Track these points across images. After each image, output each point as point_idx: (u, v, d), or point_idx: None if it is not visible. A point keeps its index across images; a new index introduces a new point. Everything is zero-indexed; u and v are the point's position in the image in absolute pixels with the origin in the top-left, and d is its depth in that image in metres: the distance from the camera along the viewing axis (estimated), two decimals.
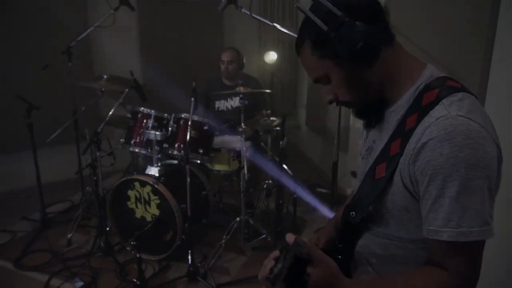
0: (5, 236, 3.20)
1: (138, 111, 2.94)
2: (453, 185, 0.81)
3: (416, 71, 0.95)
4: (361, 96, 0.97)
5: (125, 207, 2.85)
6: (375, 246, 1.00)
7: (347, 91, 0.97)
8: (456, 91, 0.88)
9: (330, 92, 1.00)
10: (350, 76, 0.94)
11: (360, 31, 0.86)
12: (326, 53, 0.92)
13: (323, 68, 0.94)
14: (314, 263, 0.81)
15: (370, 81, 0.94)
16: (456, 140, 0.80)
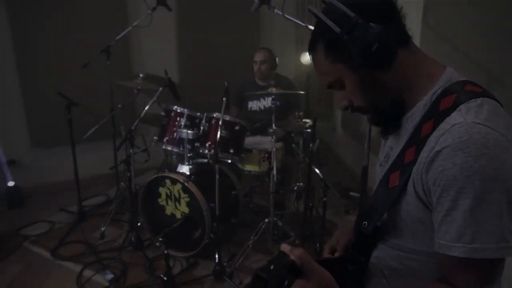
0: (44, 226, 3.35)
1: (172, 110, 2.98)
2: (466, 198, 0.76)
3: (435, 74, 0.90)
4: (376, 101, 0.94)
5: (156, 203, 2.90)
6: (389, 258, 0.96)
7: (361, 96, 0.93)
8: (476, 96, 0.83)
9: (344, 98, 0.97)
10: (364, 80, 0.90)
11: (374, 33, 0.82)
12: (339, 56, 0.89)
13: (337, 72, 0.91)
14: (307, 276, 0.78)
15: (385, 85, 0.90)
16: (471, 150, 0.75)
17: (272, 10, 2.14)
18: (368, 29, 0.82)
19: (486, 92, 0.86)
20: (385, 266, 0.97)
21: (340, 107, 0.98)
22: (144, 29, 3.32)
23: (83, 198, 3.54)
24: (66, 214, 3.55)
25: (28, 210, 3.67)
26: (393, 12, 0.88)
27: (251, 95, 3.53)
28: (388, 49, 0.84)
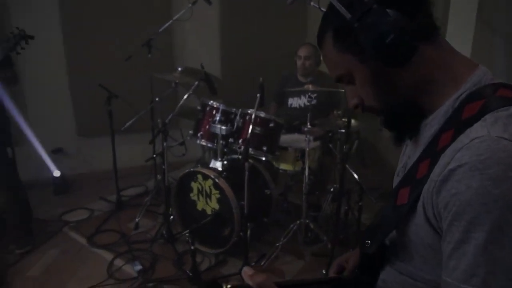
0: (84, 213, 3.46)
1: (207, 104, 2.96)
2: (481, 230, 0.62)
3: (462, 75, 0.76)
4: (390, 101, 0.80)
5: (188, 198, 2.89)
6: (396, 283, 0.84)
7: (372, 94, 0.81)
8: (509, 104, 0.68)
9: (354, 95, 0.84)
10: (376, 76, 0.78)
11: (391, 21, 0.69)
12: (348, 46, 0.77)
13: (345, 64, 0.80)
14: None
15: (400, 84, 0.77)
16: (491, 172, 0.61)
17: (308, 3, 2.04)
18: (384, 17, 0.70)
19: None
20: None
21: (350, 105, 0.86)
22: (188, 24, 3.33)
23: (122, 188, 3.63)
24: (105, 202, 3.64)
25: (70, 197, 3.81)
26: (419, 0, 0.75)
27: (292, 92, 3.44)
28: (406, 42, 0.71)
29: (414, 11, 0.73)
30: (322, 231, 2.86)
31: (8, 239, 2.99)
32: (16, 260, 2.79)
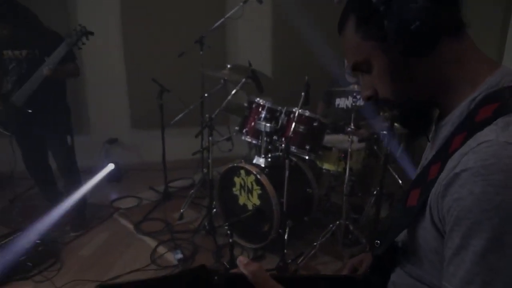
0: (133, 201, 3.64)
1: (254, 101, 3.01)
2: (480, 238, 0.61)
3: (481, 76, 0.73)
4: (405, 95, 0.78)
5: (231, 192, 2.96)
6: (404, 285, 0.83)
7: (388, 85, 0.78)
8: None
9: (369, 86, 0.82)
10: (395, 65, 0.76)
11: (418, 8, 0.68)
12: (371, 32, 0.75)
13: (365, 51, 0.77)
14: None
15: (419, 78, 0.75)
16: (495, 178, 0.60)
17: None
18: (411, 2, 0.69)
19: None
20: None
21: (363, 96, 0.84)
22: (240, 22, 3.39)
23: (171, 180, 3.77)
24: (153, 192, 3.81)
25: (122, 185, 4.02)
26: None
27: (340, 92, 3.41)
28: (431, 32, 0.69)
29: (443, 2, 0.71)
30: (362, 234, 2.82)
31: (64, 221, 3.22)
32: (70, 240, 3.00)
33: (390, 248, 0.84)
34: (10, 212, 3.43)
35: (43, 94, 2.82)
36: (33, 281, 2.52)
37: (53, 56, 2.71)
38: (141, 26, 4.01)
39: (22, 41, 2.78)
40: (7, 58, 2.83)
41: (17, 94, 2.82)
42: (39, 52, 2.80)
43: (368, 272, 0.92)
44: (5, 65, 2.86)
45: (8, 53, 2.81)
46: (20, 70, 2.83)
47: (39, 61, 2.76)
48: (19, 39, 2.77)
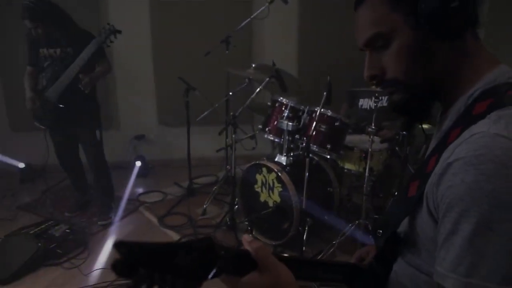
0: (158, 196, 3.75)
1: (277, 100, 3.05)
2: (469, 222, 0.64)
3: (481, 72, 0.76)
4: (418, 76, 0.78)
5: (252, 189, 3.01)
6: (405, 275, 0.85)
7: (405, 63, 0.78)
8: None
9: (376, 64, 0.81)
10: (417, 44, 0.75)
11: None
12: (403, 3, 0.74)
13: (392, 22, 0.76)
14: (261, 271, 0.70)
15: (435, 63, 0.76)
16: (485, 167, 0.63)
17: None
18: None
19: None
20: (400, 283, 0.87)
21: (367, 74, 0.82)
22: (267, 22, 3.43)
23: (195, 176, 3.86)
24: (178, 188, 3.91)
25: (148, 180, 4.14)
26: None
27: (362, 92, 3.41)
28: (465, 18, 0.71)
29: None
30: None
31: (93, 212, 3.36)
32: (98, 231, 3.12)
33: (393, 238, 0.86)
34: (42, 203, 3.59)
35: (74, 90, 2.95)
36: (62, 267, 2.65)
37: (83, 54, 2.84)
38: (169, 26, 4.12)
39: (56, 40, 2.93)
40: (42, 56, 2.99)
41: (51, 90, 2.97)
42: (71, 50, 2.94)
43: (373, 262, 0.95)
44: (41, 63, 3.02)
45: (44, 52, 2.97)
46: (54, 67, 2.98)
47: (72, 59, 2.90)
48: (53, 38, 2.93)
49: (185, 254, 0.60)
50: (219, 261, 0.65)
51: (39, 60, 3.02)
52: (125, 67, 4.16)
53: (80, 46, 2.88)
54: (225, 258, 0.66)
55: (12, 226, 3.07)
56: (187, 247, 0.61)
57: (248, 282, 0.69)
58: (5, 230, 2.98)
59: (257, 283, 0.69)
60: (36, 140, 3.81)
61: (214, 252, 0.64)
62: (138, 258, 0.55)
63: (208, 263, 0.64)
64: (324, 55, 4.38)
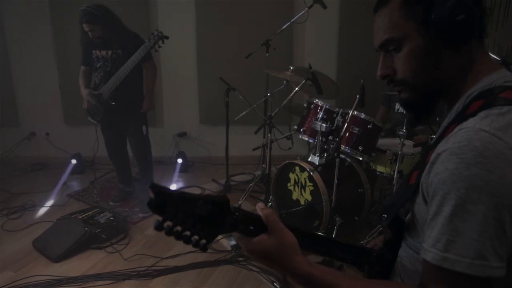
0: (197, 191, 3.92)
1: (312, 102, 3.14)
2: (449, 204, 0.72)
3: (481, 75, 0.84)
4: (426, 79, 0.87)
5: (285, 187, 3.11)
6: (406, 258, 0.93)
7: (414, 67, 0.86)
8: (507, 104, 0.75)
9: (389, 65, 0.90)
10: (426, 50, 0.84)
11: (466, 3, 0.79)
12: (415, 13, 0.83)
13: (404, 29, 0.85)
14: (270, 232, 0.82)
15: (443, 66, 0.85)
16: (465, 156, 0.71)
17: None
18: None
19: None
20: (402, 265, 0.95)
21: (380, 74, 0.92)
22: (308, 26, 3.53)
23: (233, 174, 4.01)
24: (216, 184, 4.07)
25: (188, 175, 4.33)
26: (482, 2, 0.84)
27: (396, 96, 3.42)
28: (471, 27, 0.80)
29: (481, 8, 0.82)
30: None
31: (134, 203, 3.59)
32: (138, 220, 3.33)
33: (396, 222, 0.95)
34: (90, 192, 3.87)
35: (124, 89, 3.22)
36: (105, 251, 2.86)
37: (134, 57, 3.11)
38: (213, 30, 4.31)
39: (109, 42, 3.20)
40: (95, 57, 3.26)
41: (103, 88, 3.25)
42: (121, 52, 3.19)
43: (382, 247, 1.04)
44: (94, 63, 3.29)
45: (97, 53, 3.25)
46: (105, 67, 3.25)
47: (122, 60, 3.17)
48: (106, 40, 3.19)
49: (204, 205, 0.72)
50: (233, 218, 0.77)
51: (92, 60, 3.30)
52: (171, 69, 4.40)
53: (130, 48, 3.13)
54: (238, 218, 0.79)
55: (63, 212, 3.35)
56: (207, 200, 0.74)
57: (258, 242, 0.83)
58: (57, 214, 3.26)
59: (265, 243, 0.83)
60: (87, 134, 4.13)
61: (229, 209, 0.77)
62: (167, 200, 0.69)
63: (223, 218, 0.76)
64: (363, 59, 4.40)
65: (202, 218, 0.73)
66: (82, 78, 3.41)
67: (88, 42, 3.25)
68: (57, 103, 4.59)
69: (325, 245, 1.03)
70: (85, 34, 3.19)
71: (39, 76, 4.54)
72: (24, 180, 4.17)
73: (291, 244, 0.85)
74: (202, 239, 0.74)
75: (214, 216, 0.74)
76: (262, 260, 0.85)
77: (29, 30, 4.42)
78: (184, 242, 0.72)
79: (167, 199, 0.69)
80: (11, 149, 4.59)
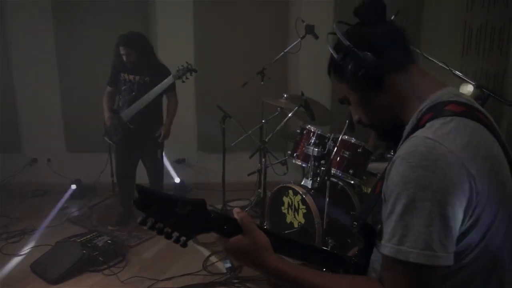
0: None
1: (305, 128, 3.25)
2: (400, 203, 0.82)
3: (427, 94, 0.96)
4: (377, 118, 1.04)
5: (279, 211, 3.19)
6: (376, 262, 1.02)
7: (364, 113, 1.06)
8: (450, 115, 0.87)
9: (355, 113, 1.09)
10: (362, 99, 1.03)
11: (363, 60, 0.95)
12: (341, 77, 1.03)
13: (342, 90, 1.06)
14: (244, 233, 0.94)
15: (381, 104, 1.01)
16: (412, 160, 0.82)
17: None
18: (358, 57, 0.96)
19: (468, 113, 0.89)
20: (373, 268, 1.03)
21: (354, 120, 1.11)
22: (301, 55, 3.67)
23: (229, 200, 4.08)
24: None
25: None
26: (392, 41, 0.99)
27: None
28: (375, 75, 0.96)
29: (383, 52, 0.97)
30: None
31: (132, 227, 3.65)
32: (136, 243, 3.39)
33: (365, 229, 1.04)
34: (89, 216, 3.94)
35: (144, 114, 3.43)
36: (102, 273, 2.91)
37: (160, 85, 3.32)
38: (211, 59, 4.47)
39: (139, 69, 3.42)
40: (122, 80, 3.46)
41: (125, 111, 3.46)
42: (149, 79, 3.41)
43: (356, 254, 1.12)
44: (120, 85, 3.47)
45: (125, 76, 3.45)
46: (130, 91, 3.46)
47: (148, 87, 3.38)
48: (137, 66, 3.40)
49: (183, 205, 0.83)
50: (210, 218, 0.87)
51: (119, 82, 3.49)
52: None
53: (157, 77, 3.36)
54: (214, 218, 0.88)
55: (61, 236, 3.39)
56: (185, 201, 0.84)
57: (234, 241, 0.95)
58: (56, 237, 3.32)
59: (240, 243, 0.94)
60: (88, 161, 4.24)
61: (206, 209, 0.87)
62: (150, 200, 0.79)
63: (200, 218, 0.86)
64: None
65: (182, 217, 0.83)
66: (107, 100, 3.63)
67: (119, 65, 3.45)
68: (59, 129, 4.71)
69: (299, 249, 1.11)
70: (118, 57, 3.40)
71: (42, 103, 4.66)
72: (25, 206, 4.25)
73: (263, 244, 0.96)
74: (182, 236, 0.84)
75: (192, 215, 0.85)
76: (238, 258, 0.96)
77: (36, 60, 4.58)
78: (165, 237, 0.84)
79: (150, 199, 0.80)
80: (13, 174, 4.67)
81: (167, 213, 0.83)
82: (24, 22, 4.49)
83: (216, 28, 4.50)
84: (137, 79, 3.42)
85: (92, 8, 4.38)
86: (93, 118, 4.13)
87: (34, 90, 4.65)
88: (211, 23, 4.51)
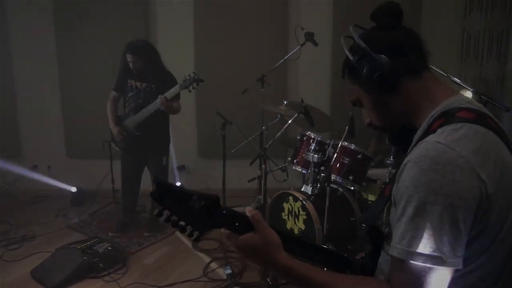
0: None
1: (305, 135, 3.27)
2: (411, 206, 0.84)
3: (439, 100, 0.98)
4: (389, 121, 1.06)
5: (280, 217, 3.19)
6: (384, 264, 1.03)
7: (375, 115, 1.07)
8: (461, 121, 0.89)
9: (367, 116, 1.11)
10: (375, 102, 1.04)
11: (378, 63, 0.96)
12: (355, 79, 1.04)
13: (355, 92, 1.07)
14: (256, 231, 0.95)
15: (394, 108, 1.02)
16: (423, 164, 0.84)
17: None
18: (374, 59, 0.98)
19: (479, 120, 0.90)
20: (381, 270, 1.04)
21: (365, 123, 1.13)
22: (301, 62, 3.70)
23: (229, 206, 4.07)
24: None
25: None
26: (408, 46, 1.00)
27: None
28: (390, 78, 0.97)
29: (398, 56, 0.98)
30: None
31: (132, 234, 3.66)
32: (137, 250, 3.39)
33: (374, 231, 1.07)
34: (89, 223, 3.94)
35: (151, 121, 3.44)
36: (103, 280, 2.91)
37: (167, 94, 3.31)
38: (211, 65, 4.50)
39: (146, 76, 3.44)
40: (129, 86, 3.49)
41: (132, 118, 3.49)
42: (155, 87, 3.43)
43: (364, 256, 1.14)
44: (126, 91, 3.53)
45: (132, 82, 3.48)
46: (137, 99, 3.48)
47: (154, 95, 3.37)
48: (144, 73, 3.43)
49: (198, 199, 0.86)
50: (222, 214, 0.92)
51: (125, 88, 3.53)
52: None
53: (163, 85, 3.37)
54: (226, 214, 0.93)
55: (62, 242, 3.41)
56: (200, 196, 0.88)
57: (244, 239, 0.96)
58: (56, 244, 3.33)
59: (251, 240, 0.96)
60: (88, 167, 4.25)
61: (219, 205, 0.91)
62: (166, 192, 0.84)
63: (213, 213, 0.91)
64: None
65: (196, 211, 0.86)
66: (111, 106, 3.64)
67: (126, 71, 3.47)
68: (59, 135, 4.73)
69: (308, 249, 1.13)
70: (126, 63, 3.42)
71: (43, 108, 4.69)
72: (25, 212, 4.24)
73: (274, 242, 0.97)
74: (195, 230, 0.87)
75: (205, 210, 0.88)
76: (248, 255, 0.98)
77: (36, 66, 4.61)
78: (179, 231, 0.88)
79: (166, 191, 0.83)
80: (13, 180, 4.67)
81: (181, 206, 0.86)
82: (25, 22, 4.52)
83: (216, 36, 4.54)
84: (144, 86, 3.45)
85: (93, 9, 4.43)
86: (94, 124, 4.17)
87: (35, 90, 4.66)
88: (212, 31, 4.55)
